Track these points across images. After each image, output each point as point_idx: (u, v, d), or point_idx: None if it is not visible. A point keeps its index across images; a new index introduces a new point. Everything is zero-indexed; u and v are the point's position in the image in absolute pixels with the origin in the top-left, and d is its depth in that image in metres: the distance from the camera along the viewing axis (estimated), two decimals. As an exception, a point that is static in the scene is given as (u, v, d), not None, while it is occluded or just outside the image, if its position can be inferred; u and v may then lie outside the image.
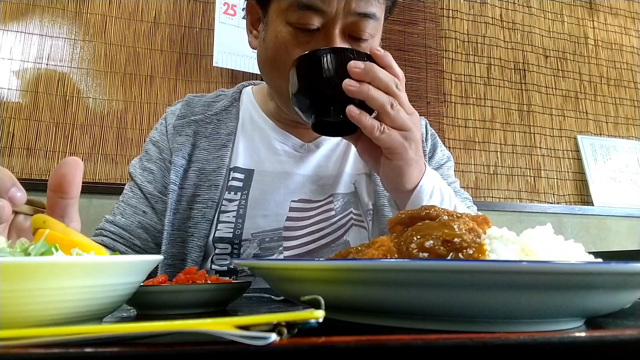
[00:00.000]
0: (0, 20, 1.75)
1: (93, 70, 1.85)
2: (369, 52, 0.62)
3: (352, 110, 0.57)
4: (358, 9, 0.67)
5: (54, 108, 1.78)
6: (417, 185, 0.63)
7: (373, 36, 0.71)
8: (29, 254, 0.32)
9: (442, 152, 0.94)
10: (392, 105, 0.58)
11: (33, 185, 1.58)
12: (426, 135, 0.94)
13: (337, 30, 0.68)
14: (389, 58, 0.60)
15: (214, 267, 0.77)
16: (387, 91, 0.58)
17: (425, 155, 0.89)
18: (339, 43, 0.68)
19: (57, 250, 0.33)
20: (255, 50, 0.79)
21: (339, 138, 0.88)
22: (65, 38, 1.83)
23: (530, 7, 2.58)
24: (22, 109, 1.74)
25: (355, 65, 0.57)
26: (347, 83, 0.57)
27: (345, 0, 0.66)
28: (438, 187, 0.66)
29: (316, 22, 0.67)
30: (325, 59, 0.59)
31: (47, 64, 1.80)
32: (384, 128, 0.58)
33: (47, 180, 0.42)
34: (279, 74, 0.72)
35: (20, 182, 0.41)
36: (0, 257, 0.29)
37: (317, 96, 0.61)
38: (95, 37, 1.87)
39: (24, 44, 1.78)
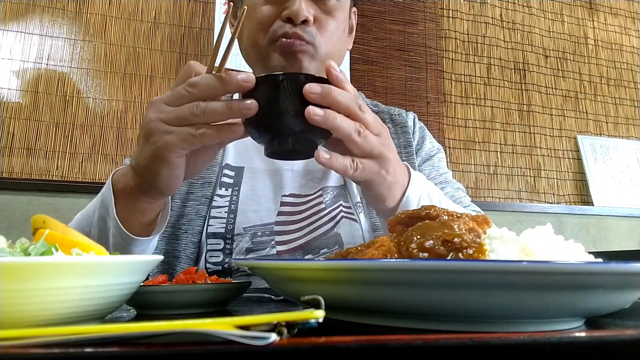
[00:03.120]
0: (0, 20, 1.75)
1: (93, 70, 1.84)
2: (329, 34, 0.63)
3: (321, 156, 0.51)
4: None
5: (54, 108, 1.77)
6: (403, 197, 0.61)
7: None
8: (29, 254, 0.32)
9: (432, 144, 0.94)
10: (359, 133, 0.52)
11: (33, 186, 1.58)
12: (414, 128, 0.94)
13: None
14: (341, 78, 0.53)
15: (208, 265, 0.78)
16: (350, 114, 0.52)
17: (412, 148, 0.89)
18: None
19: (57, 250, 0.33)
20: None
21: None
22: (65, 38, 1.83)
23: (530, 7, 2.58)
24: (22, 109, 1.74)
25: (311, 89, 0.49)
26: (312, 112, 0.49)
27: None
28: (426, 193, 0.63)
29: None
30: (274, 86, 0.51)
31: (47, 64, 1.79)
32: (356, 165, 0.54)
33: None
34: (252, 32, 0.74)
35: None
36: (0, 257, 0.29)
37: (269, 126, 0.53)
38: (95, 37, 1.86)
39: (24, 44, 1.77)
